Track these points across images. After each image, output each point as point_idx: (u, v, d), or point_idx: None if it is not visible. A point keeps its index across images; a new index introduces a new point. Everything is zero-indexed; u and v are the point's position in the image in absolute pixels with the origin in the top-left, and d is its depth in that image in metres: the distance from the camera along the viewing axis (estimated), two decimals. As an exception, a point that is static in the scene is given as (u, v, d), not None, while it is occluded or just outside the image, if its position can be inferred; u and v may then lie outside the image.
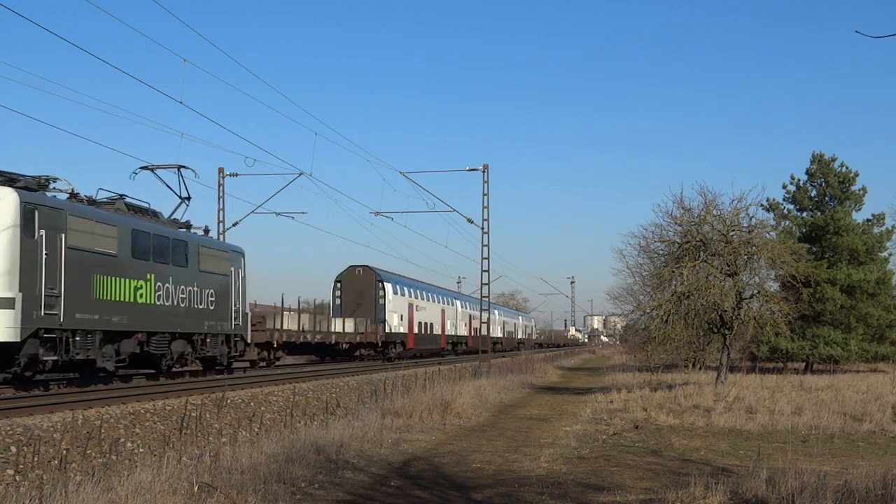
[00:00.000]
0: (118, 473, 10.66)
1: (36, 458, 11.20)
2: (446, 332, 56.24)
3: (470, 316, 63.65)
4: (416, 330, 48.47)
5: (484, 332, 65.89)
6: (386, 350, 43.28)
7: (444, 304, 56.46)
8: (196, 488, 9.10)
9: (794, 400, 21.78)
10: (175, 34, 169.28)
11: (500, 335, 74.58)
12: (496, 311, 73.96)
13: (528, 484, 10.69)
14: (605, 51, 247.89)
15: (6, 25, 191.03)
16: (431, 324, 52.34)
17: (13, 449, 11.29)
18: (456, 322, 59.49)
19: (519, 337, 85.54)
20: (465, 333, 62.09)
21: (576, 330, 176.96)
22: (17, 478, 10.61)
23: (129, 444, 13.44)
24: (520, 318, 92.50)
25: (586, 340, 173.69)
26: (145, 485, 9.15)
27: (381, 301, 43.82)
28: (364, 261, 55.24)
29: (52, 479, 10.03)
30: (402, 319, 45.72)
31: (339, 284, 45.48)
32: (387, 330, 43.33)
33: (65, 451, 11.59)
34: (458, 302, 61.91)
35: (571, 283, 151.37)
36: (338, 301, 44.90)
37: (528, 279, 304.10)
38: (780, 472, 9.87)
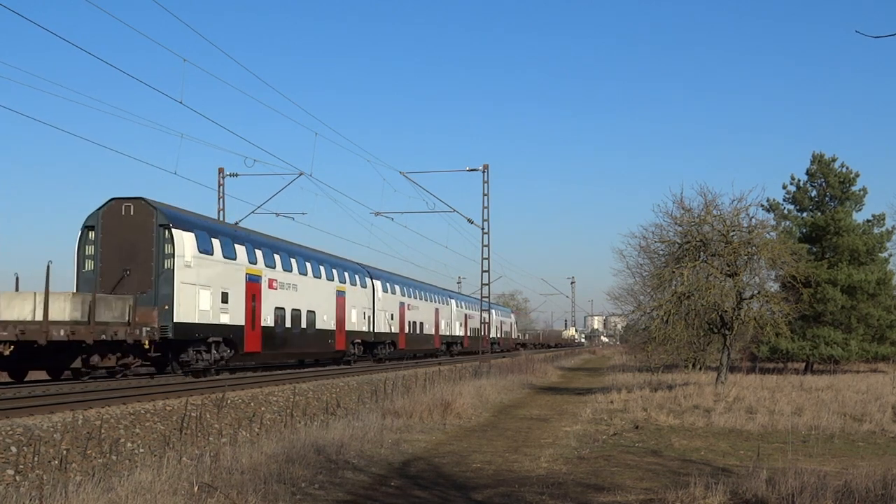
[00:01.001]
0: (118, 473, 10.67)
1: (36, 458, 11.19)
2: (350, 328, 38.40)
3: (401, 305, 46.36)
4: (267, 321, 29.95)
5: (419, 329, 50.33)
6: (180, 355, 25.14)
7: (342, 282, 37.91)
8: (196, 488, 9.10)
9: (794, 400, 21.79)
10: (175, 34, 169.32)
11: (459, 333, 59.61)
12: (452, 301, 59.29)
13: (529, 484, 10.69)
14: (605, 51, 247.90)
15: (6, 25, 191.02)
16: (311, 312, 33.78)
17: (13, 449, 11.29)
18: (371, 312, 41.38)
19: (491, 335, 65.42)
20: (392, 330, 44.71)
21: (575, 330, 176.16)
22: (17, 478, 10.60)
23: (129, 444, 13.43)
24: (492, 312, 69.04)
25: (583, 341, 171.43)
26: (145, 485, 9.15)
27: (168, 264, 24.73)
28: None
29: (52, 479, 10.03)
30: (224, 301, 26.92)
31: (90, 233, 25.31)
32: (176, 318, 24.37)
33: (65, 451, 11.58)
34: (378, 283, 43.13)
35: (571, 283, 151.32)
36: (88, 264, 25.24)
37: (528, 279, 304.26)
38: (780, 472, 9.88)
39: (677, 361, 34.80)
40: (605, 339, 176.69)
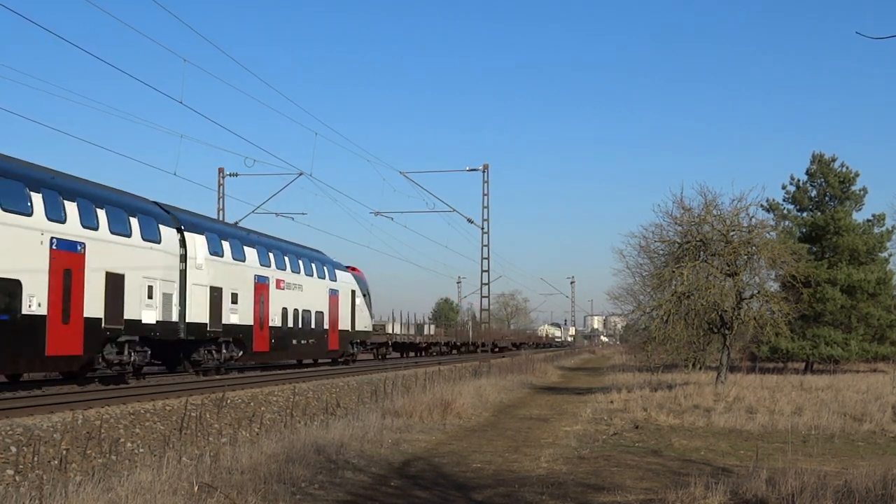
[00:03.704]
0: (118, 473, 10.67)
1: (36, 458, 11.19)
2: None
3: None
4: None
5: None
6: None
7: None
8: (196, 488, 9.09)
9: (794, 400, 21.79)
10: (175, 34, 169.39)
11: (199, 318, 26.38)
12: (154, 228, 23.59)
13: (529, 484, 10.68)
14: (606, 50, 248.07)
15: (6, 25, 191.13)
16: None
17: (13, 449, 11.29)
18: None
19: (284, 325, 31.47)
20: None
21: (576, 329, 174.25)
22: (17, 478, 10.60)
23: (129, 444, 13.43)
24: (313, 270, 35.25)
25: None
26: (145, 485, 9.14)
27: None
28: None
29: (52, 479, 10.01)
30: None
31: None
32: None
33: (65, 451, 11.58)
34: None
35: (571, 283, 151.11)
36: None
37: (528, 279, 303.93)
38: (780, 472, 9.87)
39: (677, 361, 34.84)
40: (604, 339, 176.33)
